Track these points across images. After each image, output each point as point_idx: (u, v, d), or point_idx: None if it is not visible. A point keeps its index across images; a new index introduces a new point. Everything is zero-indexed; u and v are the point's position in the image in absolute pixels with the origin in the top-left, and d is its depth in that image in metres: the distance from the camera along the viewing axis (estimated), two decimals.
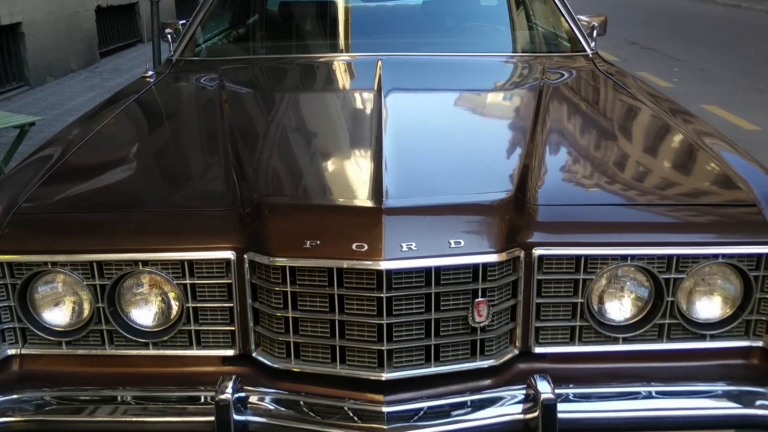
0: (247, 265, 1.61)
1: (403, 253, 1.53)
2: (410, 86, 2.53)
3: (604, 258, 1.63)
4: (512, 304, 1.66)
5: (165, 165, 2.05)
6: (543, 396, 1.51)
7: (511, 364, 1.65)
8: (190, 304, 1.66)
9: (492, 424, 1.52)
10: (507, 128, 2.30)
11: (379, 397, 1.54)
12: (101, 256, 1.60)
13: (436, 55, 2.85)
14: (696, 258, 1.61)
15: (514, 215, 1.65)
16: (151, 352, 1.67)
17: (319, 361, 1.60)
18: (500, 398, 1.56)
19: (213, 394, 1.54)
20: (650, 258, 1.61)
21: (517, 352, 1.66)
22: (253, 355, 1.66)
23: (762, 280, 1.61)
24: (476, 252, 1.57)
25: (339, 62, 2.84)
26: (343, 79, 2.78)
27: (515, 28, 3.20)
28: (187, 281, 1.64)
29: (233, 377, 1.57)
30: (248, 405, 1.55)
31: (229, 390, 1.53)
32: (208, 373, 1.64)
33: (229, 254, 1.62)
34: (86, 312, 1.66)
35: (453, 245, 1.56)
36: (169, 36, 2.98)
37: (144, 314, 1.67)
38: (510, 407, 1.54)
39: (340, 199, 1.73)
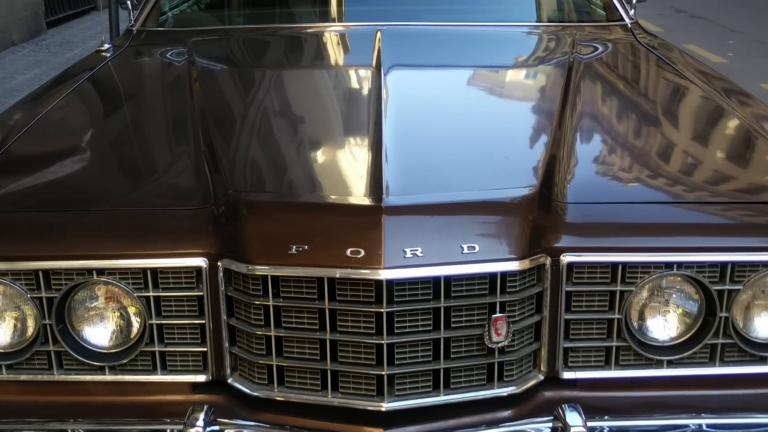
0: (221, 274, 1.64)
1: (407, 260, 1.55)
2: (415, 62, 2.54)
3: (646, 266, 1.64)
4: (536, 321, 1.67)
5: (124, 155, 2.07)
6: (573, 430, 1.54)
7: (534, 391, 1.66)
8: (154, 321, 1.67)
9: None
10: (530, 112, 2.32)
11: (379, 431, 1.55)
12: (48, 263, 1.61)
13: (445, 25, 2.85)
14: (755, 266, 1.62)
15: (538, 215, 1.67)
16: (108, 377, 1.68)
17: (308, 389, 1.62)
18: None
19: (181, 427, 1.57)
20: (700, 266, 1.62)
21: (542, 377, 1.68)
22: (229, 381, 1.67)
23: None
24: (493, 259, 1.59)
25: (330, 34, 2.85)
26: (335, 54, 2.79)
27: None
28: (151, 293, 1.65)
29: (205, 408, 1.60)
30: None
31: (200, 423, 1.55)
32: (176, 402, 1.66)
33: (200, 261, 1.64)
34: (30, 330, 1.67)
35: (466, 251, 1.58)
36: (128, 2, 2.97)
37: (99, 333, 1.68)
38: None
39: (332, 196, 1.74)
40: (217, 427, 1.58)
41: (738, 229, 1.69)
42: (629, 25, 2.87)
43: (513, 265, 1.60)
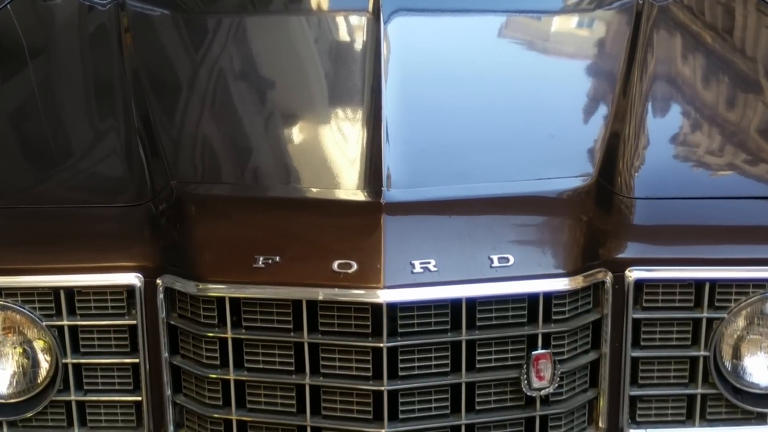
0: (161, 295, 1.67)
1: (416, 277, 1.58)
2: (425, 6, 2.56)
3: (742, 284, 1.67)
4: (593, 360, 1.70)
5: (28, 134, 2.11)
6: None
7: None
8: (70, 360, 1.69)
9: None
10: (584, 74, 2.36)
11: None
12: None
13: None
14: None
15: (595, 215, 1.69)
16: None
17: None
18: None
19: None
20: None
21: None
22: None
23: None
24: (534, 275, 1.61)
25: None
26: None
27: None
28: (65, 322, 1.67)
29: None
30: None
31: None
32: None
33: (132, 278, 1.67)
34: None
35: (496, 263, 1.61)
36: None
37: None
38: None
39: (313, 189, 1.77)
40: None
41: None
42: None
43: (561, 284, 1.62)
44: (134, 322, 1.67)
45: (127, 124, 1.97)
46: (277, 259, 1.60)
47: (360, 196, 1.70)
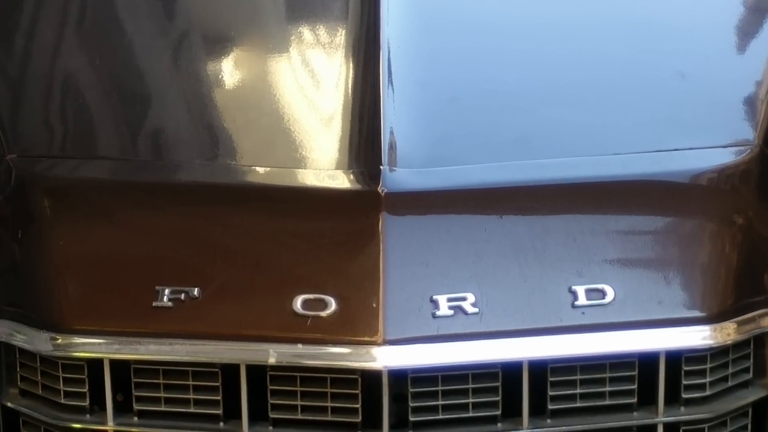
0: None
1: (441, 323, 1.40)
2: None
3: None
4: None
5: None
6: None
7: None
8: None
9: None
10: None
11: None
12: None
13: None
14: None
15: (756, 213, 1.57)
16: None
17: None
18: None
19: None
20: None
21: None
22: None
23: None
24: (649, 320, 1.44)
25: None
26: None
27: None
28: None
29: None
30: None
31: None
32: None
33: None
34: None
35: (583, 300, 1.43)
36: None
37: None
38: None
39: (258, 170, 1.63)
40: None
41: None
42: None
43: (697, 336, 1.44)
44: None
45: None
46: (195, 292, 1.43)
47: (342, 180, 1.54)
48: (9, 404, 1.51)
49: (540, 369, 1.42)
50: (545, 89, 1.82)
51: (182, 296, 1.43)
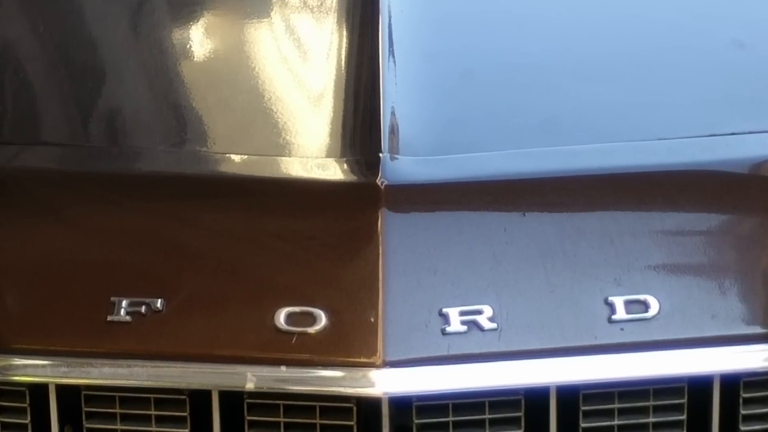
0: None
1: (452, 341, 1.36)
2: None
3: None
4: None
5: None
6: None
7: None
8: None
9: None
10: None
11: None
12: None
13: None
14: None
15: None
16: None
17: None
18: None
19: None
20: None
21: None
22: None
23: None
24: (701, 338, 1.39)
25: None
26: None
27: None
28: None
29: None
30: None
31: None
32: None
33: None
34: None
35: (622, 314, 1.38)
36: None
37: None
38: None
39: (234, 158, 1.61)
40: None
41: None
42: None
43: (760, 356, 1.39)
44: None
45: None
46: (158, 304, 1.38)
47: (334, 170, 1.52)
48: None
49: (571, 396, 1.37)
50: (576, 61, 1.80)
51: (143, 309, 1.38)
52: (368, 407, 1.34)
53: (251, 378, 1.34)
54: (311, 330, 1.34)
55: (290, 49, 1.94)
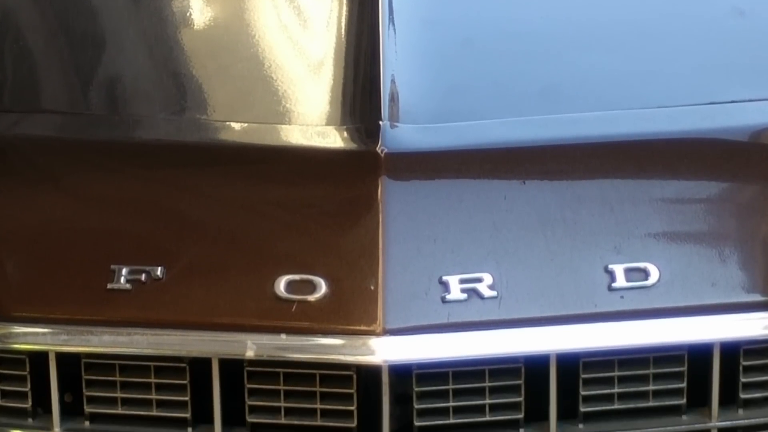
0: None
1: (452, 309, 1.37)
2: None
3: None
4: None
5: None
6: None
7: None
8: None
9: None
10: None
11: None
12: None
13: None
14: None
15: None
16: None
17: None
18: None
19: None
20: None
21: None
22: None
23: None
24: (701, 306, 1.40)
25: None
26: None
27: None
28: None
29: None
30: None
31: None
32: None
33: None
34: None
35: (622, 281, 1.39)
36: None
37: None
38: None
39: (234, 126, 1.62)
40: None
41: None
42: None
43: (760, 323, 1.40)
44: None
45: None
46: (158, 272, 1.39)
47: (334, 138, 1.51)
48: None
49: (570, 364, 1.38)
50: (576, 29, 1.81)
51: (143, 277, 1.39)
52: (368, 375, 1.35)
53: (251, 346, 1.35)
54: (311, 298, 1.35)
55: (290, 16, 1.95)
